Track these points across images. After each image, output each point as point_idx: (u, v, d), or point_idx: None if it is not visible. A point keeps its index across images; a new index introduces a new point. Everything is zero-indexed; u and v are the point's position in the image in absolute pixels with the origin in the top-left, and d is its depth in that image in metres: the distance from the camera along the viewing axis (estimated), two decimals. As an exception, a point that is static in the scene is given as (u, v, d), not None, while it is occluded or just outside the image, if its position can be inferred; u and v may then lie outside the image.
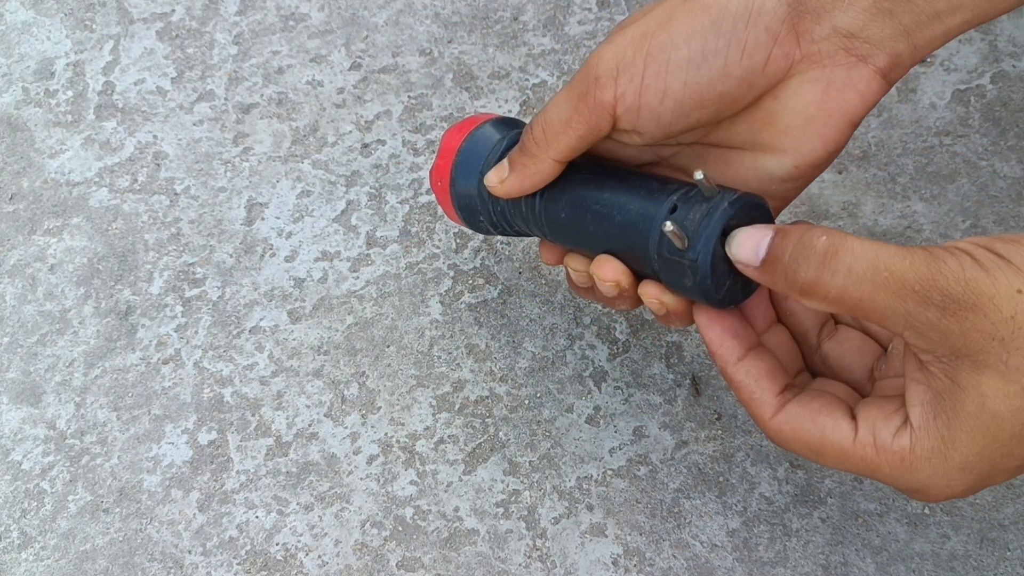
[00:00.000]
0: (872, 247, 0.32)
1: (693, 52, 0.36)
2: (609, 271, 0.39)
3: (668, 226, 0.35)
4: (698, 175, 0.35)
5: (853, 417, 0.35)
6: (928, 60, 0.59)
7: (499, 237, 0.56)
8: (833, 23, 0.35)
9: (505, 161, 0.41)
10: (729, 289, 0.36)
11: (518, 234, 0.45)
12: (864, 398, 0.37)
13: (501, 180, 0.41)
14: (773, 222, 0.36)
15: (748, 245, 0.34)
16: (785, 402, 0.36)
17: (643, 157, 0.41)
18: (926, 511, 0.48)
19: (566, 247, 0.43)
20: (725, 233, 0.35)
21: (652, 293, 0.38)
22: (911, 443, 0.33)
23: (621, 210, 0.38)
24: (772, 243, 0.33)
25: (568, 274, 0.43)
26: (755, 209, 0.36)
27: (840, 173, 0.56)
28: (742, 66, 0.36)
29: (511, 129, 0.44)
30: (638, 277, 0.39)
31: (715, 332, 0.38)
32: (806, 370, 0.40)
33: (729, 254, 0.35)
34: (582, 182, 0.40)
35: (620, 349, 0.53)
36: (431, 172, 0.45)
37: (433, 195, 0.57)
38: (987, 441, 0.32)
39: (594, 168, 0.40)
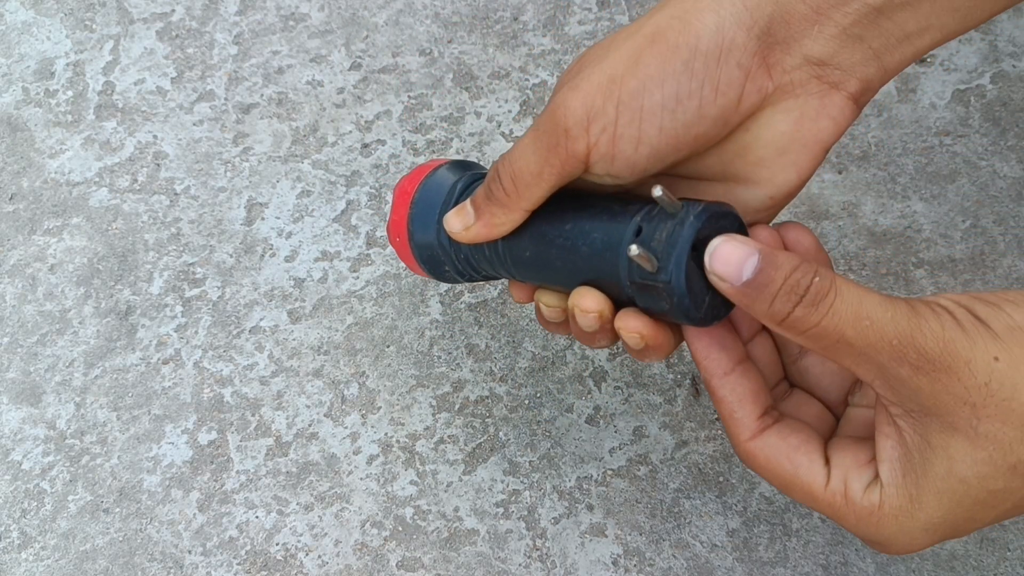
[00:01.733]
0: (857, 292, 0.31)
1: (667, 97, 0.34)
2: (591, 301, 0.37)
3: (634, 250, 0.33)
4: (656, 191, 0.33)
5: (827, 459, 0.35)
6: (928, 60, 0.59)
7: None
8: (803, 52, 0.35)
9: (469, 206, 0.39)
10: (710, 305, 0.35)
11: (486, 278, 0.43)
12: (836, 436, 0.37)
13: (466, 227, 0.39)
14: (745, 229, 0.35)
15: (731, 261, 0.32)
16: (764, 428, 0.36)
17: (607, 188, 0.39)
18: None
19: (536, 284, 0.41)
20: (696, 248, 0.33)
21: (633, 327, 0.36)
22: (880, 500, 0.33)
23: (586, 240, 0.36)
24: (759, 268, 0.31)
25: (539, 311, 0.41)
26: (723, 218, 0.34)
27: (840, 173, 0.56)
28: (717, 105, 0.35)
29: (465, 171, 0.42)
30: (617, 306, 0.38)
31: (702, 343, 0.37)
32: (785, 379, 0.40)
33: (707, 266, 0.32)
34: (542, 216, 0.38)
35: (620, 349, 0.53)
36: (388, 227, 0.43)
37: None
38: (952, 505, 0.32)
39: (553, 199, 0.39)
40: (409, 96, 0.61)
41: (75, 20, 0.65)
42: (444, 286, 0.55)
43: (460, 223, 0.39)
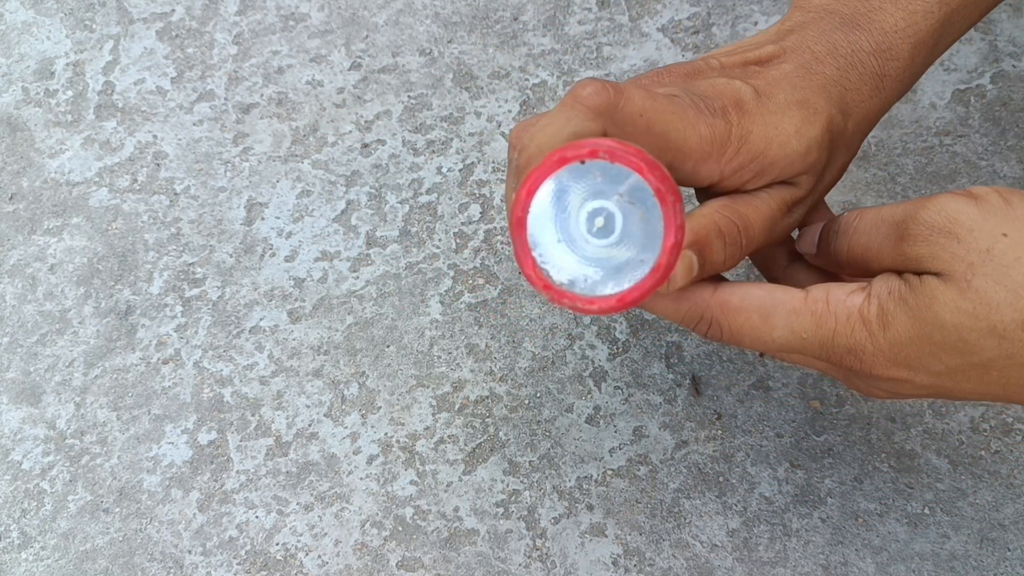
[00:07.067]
0: (874, 211, 0.35)
1: None
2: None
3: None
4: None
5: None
6: (928, 60, 0.59)
7: (499, 237, 0.56)
8: None
9: (693, 257, 0.35)
10: None
11: None
12: None
13: (690, 275, 0.35)
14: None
15: (808, 240, 0.39)
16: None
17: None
18: (926, 511, 0.48)
19: None
20: None
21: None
22: (862, 303, 0.34)
23: None
24: (821, 235, 0.38)
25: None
26: None
27: (840, 173, 0.56)
28: None
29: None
30: None
31: None
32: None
33: (797, 247, 0.40)
34: None
35: (620, 349, 0.53)
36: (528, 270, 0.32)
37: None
38: (919, 336, 0.33)
39: None
40: (409, 96, 0.61)
41: (75, 20, 0.65)
42: (444, 286, 0.55)
43: (684, 275, 0.34)
